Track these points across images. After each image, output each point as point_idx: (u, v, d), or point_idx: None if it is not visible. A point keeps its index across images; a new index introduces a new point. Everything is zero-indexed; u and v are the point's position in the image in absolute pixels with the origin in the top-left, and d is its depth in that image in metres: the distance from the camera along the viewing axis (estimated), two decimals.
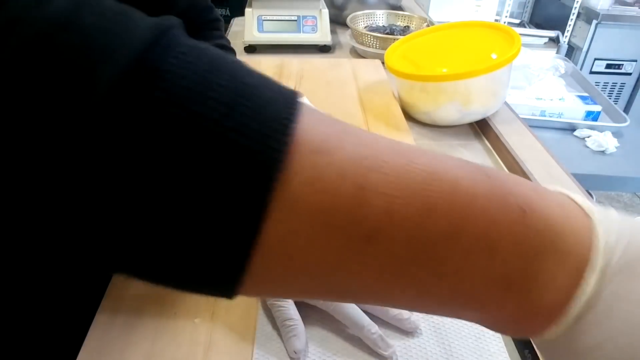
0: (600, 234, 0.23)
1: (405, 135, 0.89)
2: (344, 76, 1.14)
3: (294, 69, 1.16)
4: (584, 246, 0.23)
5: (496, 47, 0.92)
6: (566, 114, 1.29)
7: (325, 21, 1.39)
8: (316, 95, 1.01)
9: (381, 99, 1.04)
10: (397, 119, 0.95)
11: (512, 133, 0.94)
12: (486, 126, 0.97)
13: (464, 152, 0.91)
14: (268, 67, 1.15)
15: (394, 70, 0.96)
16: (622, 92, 2.52)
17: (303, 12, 1.39)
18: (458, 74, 0.88)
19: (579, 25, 2.46)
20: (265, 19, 1.38)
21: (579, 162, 1.16)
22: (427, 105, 0.95)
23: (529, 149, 0.90)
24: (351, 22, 1.42)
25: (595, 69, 2.46)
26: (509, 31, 0.94)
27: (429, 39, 1.05)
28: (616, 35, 2.36)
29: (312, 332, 0.50)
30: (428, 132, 0.97)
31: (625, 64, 2.43)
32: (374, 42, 1.33)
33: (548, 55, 1.39)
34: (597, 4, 2.34)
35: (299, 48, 1.42)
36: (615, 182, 1.17)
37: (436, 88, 0.92)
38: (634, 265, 0.22)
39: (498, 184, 0.23)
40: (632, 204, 2.38)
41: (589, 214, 0.24)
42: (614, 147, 1.19)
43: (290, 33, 1.40)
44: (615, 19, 2.32)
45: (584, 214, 0.24)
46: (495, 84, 0.92)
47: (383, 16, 1.51)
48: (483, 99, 0.93)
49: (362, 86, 1.09)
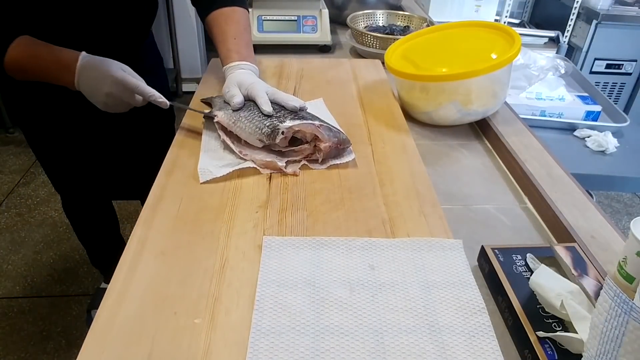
0: None
1: (405, 135, 0.89)
2: (344, 76, 1.14)
3: (294, 69, 1.16)
4: None
5: (496, 47, 0.92)
6: (566, 114, 1.29)
7: (325, 21, 1.39)
8: (316, 95, 1.01)
9: (381, 99, 1.04)
10: (397, 119, 0.95)
11: (512, 133, 0.94)
12: (486, 126, 0.97)
13: (464, 152, 0.91)
14: (268, 67, 1.15)
15: (394, 70, 0.96)
16: (622, 92, 2.52)
17: (303, 12, 1.39)
18: (458, 74, 0.88)
19: (579, 25, 2.45)
20: (266, 19, 1.38)
21: (579, 162, 1.16)
22: (427, 105, 0.95)
23: (529, 149, 0.90)
24: (351, 22, 1.42)
25: (595, 69, 2.46)
26: (509, 31, 0.94)
27: (429, 39, 1.05)
28: (616, 35, 2.36)
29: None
30: (428, 132, 0.97)
31: (625, 64, 2.43)
32: (374, 42, 1.33)
33: (548, 55, 1.39)
34: (597, 4, 2.34)
35: (299, 48, 1.42)
36: (615, 182, 1.16)
37: (436, 88, 0.92)
38: None
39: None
40: (632, 204, 2.38)
41: None
42: (614, 147, 1.19)
43: (290, 33, 1.40)
44: (615, 19, 2.32)
45: None
46: (495, 84, 0.92)
47: (383, 16, 1.51)
48: (483, 99, 0.92)
49: (362, 86, 1.09)
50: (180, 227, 0.64)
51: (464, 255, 0.61)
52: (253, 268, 0.58)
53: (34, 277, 1.78)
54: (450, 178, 0.83)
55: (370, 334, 0.50)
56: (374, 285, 0.56)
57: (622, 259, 0.59)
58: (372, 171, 0.78)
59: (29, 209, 2.12)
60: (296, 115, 0.79)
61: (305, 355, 0.48)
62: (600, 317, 0.40)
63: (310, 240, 0.62)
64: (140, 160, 1.16)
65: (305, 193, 0.72)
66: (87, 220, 1.40)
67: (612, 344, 0.39)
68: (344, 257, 0.60)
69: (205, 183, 0.72)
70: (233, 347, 0.48)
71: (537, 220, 0.74)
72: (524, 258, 0.59)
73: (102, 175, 1.18)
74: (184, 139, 0.85)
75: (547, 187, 0.77)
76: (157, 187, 0.71)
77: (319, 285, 0.56)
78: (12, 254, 1.88)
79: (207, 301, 0.53)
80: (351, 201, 0.70)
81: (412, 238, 0.63)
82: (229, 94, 0.83)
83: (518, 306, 0.53)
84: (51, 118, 1.04)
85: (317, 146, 0.77)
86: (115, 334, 0.49)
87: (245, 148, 0.79)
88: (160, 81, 0.86)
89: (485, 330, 0.51)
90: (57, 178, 1.20)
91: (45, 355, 1.51)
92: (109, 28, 0.94)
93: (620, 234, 0.69)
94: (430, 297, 0.55)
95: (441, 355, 0.49)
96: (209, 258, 0.59)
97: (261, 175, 0.76)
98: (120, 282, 0.55)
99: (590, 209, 0.74)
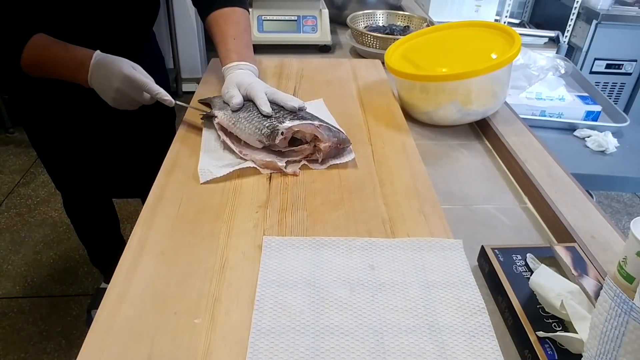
0: None
1: (405, 135, 0.89)
2: (344, 76, 1.14)
3: (294, 69, 1.16)
4: None
5: (496, 47, 0.92)
6: (566, 114, 1.29)
7: (325, 21, 1.39)
8: (316, 95, 1.01)
9: (381, 99, 1.04)
10: (397, 119, 0.95)
11: (512, 133, 0.94)
12: (486, 126, 0.97)
13: (464, 152, 0.91)
14: (268, 67, 1.15)
15: (394, 70, 0.96)
16: (622, 92, 2.52)
17: (303, 12, 1.39)
18: (458, 74, 0.88)
19: (579, 25, 2.45)
20: (266, 19, 1.38)
21: (579, 162, 1.16)
22: (427, 105, 0.95)
23: (529, 149, 0.90)
24: (351, 22, 1.41)
25: (595, 69, 2.46)
26: (509, 31, 0.94)
27: (429, 39, 1.05)
28: (616, 35, 2.36)
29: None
30: (428, 132, 0.97)
31: (625, 64, 2.43)
32: (374, 42, 1.33)
33: (548, 55, 1.39)
34: (597, 4, 2.34)
35: (299, 48, 1.42)
36: (615, 182, 1.16)
37: (436, 88, 0.92)
38: None
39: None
40: (632, 204, 2.38)
41: None
42: (614, 147, 1.19)
43: (290, 33, 1.40)
44: (615, 19, 2.32)
45: None
46: (495, 84, 0.92)
47: (383, 16, 1.51)
48: (483, 99, 0.92)
49: (362, 86, 1.09)
50: (180, 227, 0.64)
51: (464, 255, 0.61)
52: (253, 268, 0.58)
53: (34, 277, 1.78)
54: (450, 178, 0.83)
55: (370, 334, 0.50)
56: (374, 285, 0.56)
57: (622, 259, 0.59)
58: (372, 171, 0.78)
59: (29, 209, 2.12)
60: (295, 116, 0.79)
61: (305, 355, 0.48)
62: (600, 317, 0.40)
63: (310, 240, 0.62)
64: (141, 158, 1.16)
65: (305, 193, 0.72)
66: (87, 219, 1.41)
67: (612, 344, 0.39)
68: (344, 257, 0.60)
69: (206, 183, 0.72)
70: (233, 347, 0.48)
71: (537, 220, 0.74)
72: (524, 258, 0.59)
73: (103, 173, 1.19)
74: (185, 134, 0.86)
75: (547, 187, 0.77)
76: (157, 187, 0.71)
77: (319, 285, 0.56)
78: (12, 254, 1.88)
79: (207, 301, 0.53)
80: (351, 201, 0.70)
81: (412, 238, 0.63)
82: (228, 95, 0.84)
83: (518, 306, 0.53)
84: (55, 116, 1.04)
85: (317, 146, 0.77)
86: (115, 334, 0.49)
87: (245, 148, 0.79)
88: (162, 80, 0.87)
89: (485, 330, 0.51)
90: (59, 176, 1.21)
91: (45, 355, 1.51)
92: (110, 27, 0.94)
93: (620, 234, 0.69)
94: (430, 297, 0.55)
95: (441, 355, 0.49)
96: (209, 258, 0.59)
97: (261, 175, 0.76)
98: (120, 282, 0.55)
99: (590, 209, 0.74)
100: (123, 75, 0.80)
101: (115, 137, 1.12)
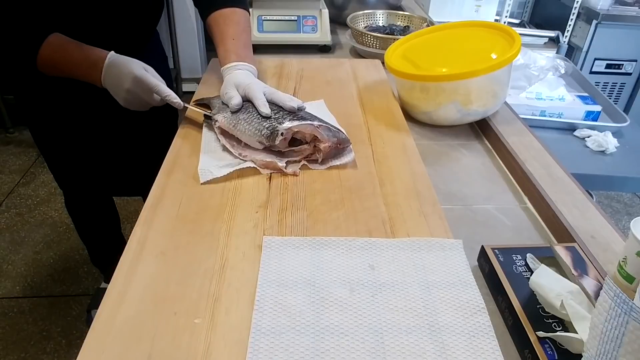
0: None
1: (405, 135, 0.89)
2: (344, 76, 1.14)
3: (294, 69, 1.16)
4: None
5: (496, 47, 0.92)
6: (566, 114, 1.29)
7: (325, 21, 1.39)
8: (316, 95, 1.01)
9: (381, 99, 1.04)
10: (397, 119, 0.95)
11: (512, 133, 0.94)
12: (486, 126, 0.97)
13: (464, 152, 0.91)
14: (268, 67, 1.15)
15: (394, 70, 0.96)
16: (622, 92, 2.52)
17: (303, 12, 1.39)
18: (458, 74, 0.88)
19: (579, 25, 2.45)
20: (266, 19, 1.38)
21: (579, 162, 1.16)
22: (427, 105, 0.95)
23: (529, 149, 0.90)
24: (351, 22, 1.42)
25: (595, 69, 2.46)
26: (509, 31, 0.94)
27: (429, 39, 1.05)
28: (616, 35, 2.36)
29: None
30: (428, 132, 0.97)
31: (625, 64, 2.43)
32: (374, 42, 1.33)
33: (548, 55, 1.39)
34: (597, 4, 2.34)
35: (299, 48, 1.42)
36: (615, 182, 1.16)
37: (436, 88, 0.92)
38: None
39: None
40: (632, 204, 2.38)
41: None
42: (614, 147, 1.19)
43: (290, 33, 1.40)
44: (615, 19, 2.32)
45: None
46: (495, 84, 0.92)
47: (383, 16, 1.51)
48: (483, 99, 0.92)
49: (362, 86, 1.09)
50: (180, 227, 0.64)
51: (464, 255, 0.61)
52: (253, 268, 0.58)
53: (34, 277, 1.78)
54: (450, 178, 0.83)
55: (370, 334, 0.50)
56: (374, 285, 0.56)
57: (622, 259, 0.59)
58: (372, 171, 0.78)
59: (29, 209, 2.12)
60: (295, 116, 0.79)
61: (305, 355, 0.48)
62: (600, 317, 0.40)
63: (310, 240, 0.62)
64: (144, 156, 1.17)
65: (305, 193, 0.72)
66: (89, 217, 1.41)
67: (612, 344, 0.39)
68: (344, 257, 0.60)
69: (206, 183, 0.72)
70: (233, 347, 0.48)
71: (537, 220, 0.74)
72: (524, 258, 0.59)
73: (106, 170, 1.20)
74: (186, 132, 0.86)
75: (547, 187, 0.77)
76: (157, 187, 0.71)
77: (319, 285, 0.56)
78: (12, 254, 1.88)
79: (207, 301, 0.53)
80: (351, 201, 0.70)
81: (412, 238, 0.63)
82: (227, 96, 0.84)
83: (518, 306, 0.53)
84: (63, 114, 1.05)
85: (317, 146, 0.77)
86: (115, 334, 0.49)
87: (245, 149, 0.79)
88: (165, 79, 0.87)
89: (485, 330, 0.51)
90: (62, 174, 1.21)
91: (45, 355, 1.51)
92: (114, 26, 0.94)
93: (620, 234, 0.69)
94: (430, 297, 0.55)
95: (441, 355, 0.49)
96: (209, 258, 0.59)
97: (261, 175, 0.76)
98: (120, 282, 0.55)
99: (590, 209, 0.74)
100: (134, 76, 0.81)
101: (119, 134, 1.12)
